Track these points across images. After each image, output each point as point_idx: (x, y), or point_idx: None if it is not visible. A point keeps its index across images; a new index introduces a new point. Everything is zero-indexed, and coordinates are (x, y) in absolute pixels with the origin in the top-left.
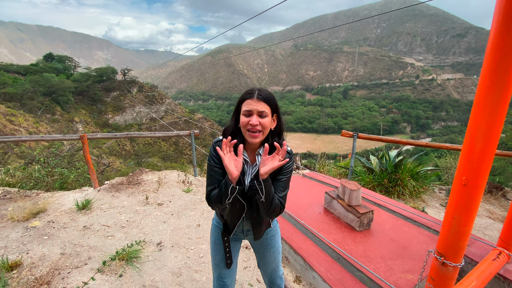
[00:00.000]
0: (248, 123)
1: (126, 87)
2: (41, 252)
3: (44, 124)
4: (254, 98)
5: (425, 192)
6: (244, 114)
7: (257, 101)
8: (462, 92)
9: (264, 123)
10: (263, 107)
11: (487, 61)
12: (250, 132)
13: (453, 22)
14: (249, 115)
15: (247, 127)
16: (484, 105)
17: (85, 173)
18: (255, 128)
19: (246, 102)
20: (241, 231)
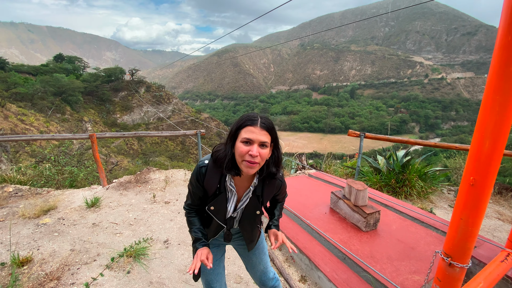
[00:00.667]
0: (247, 153)
1: (134, 87)
2: (51, 248)
3: (55, 123)
4: (257, 126)
5: (433, 193)
6: (243, 141)
7: (260, 130)
8: (472, 91)
9: (263, 155)
10: (265, 137)
11: (495, 59)
12: (248, 162)
13: (463, 20)
14: (249, 144)
15: (245, 157)
16: (493, 104)
17: (94, 172)
18: (254, 160)
19: (248, 129)
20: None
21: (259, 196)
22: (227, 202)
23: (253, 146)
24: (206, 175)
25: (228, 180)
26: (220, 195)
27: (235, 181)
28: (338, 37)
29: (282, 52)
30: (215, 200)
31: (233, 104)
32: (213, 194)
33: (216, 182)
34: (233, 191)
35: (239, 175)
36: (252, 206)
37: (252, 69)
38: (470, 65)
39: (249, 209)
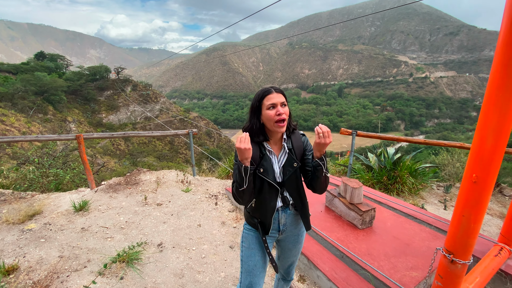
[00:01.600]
0: (276, 114)
1: (120, 86)
2: (38, 255)
3: (36, 124)
4: (273, 92)
5: (424, 189)
6: (268, 108)
7: (277, 94)
8: (454, 89)
9: (286, 112)
10: (283, 98)
11: (498, 57)
12: (278, 123)
13: (446, 20)
14: (274, 108)
15: (275, 119)
16: (496, 102)
17: (81, 174)
18: (282, 117)
19: (268, 97)
20: (276, 228)
21: (291, 150)
22: (272, 163)
23: (277, 107)
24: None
25: (265, 144)
26: (264, 157)
27: (271, 146)
28: (326, 37)
29: (271, 51)
30: (261, 163)
31: (222, 103)
32: (258, 160)
33: (257, 149)
34: (271, 151)
35: (268, 139)
36: (289, 160)
37: (241, 68)
38: (452, 64)
39: (288, 165)
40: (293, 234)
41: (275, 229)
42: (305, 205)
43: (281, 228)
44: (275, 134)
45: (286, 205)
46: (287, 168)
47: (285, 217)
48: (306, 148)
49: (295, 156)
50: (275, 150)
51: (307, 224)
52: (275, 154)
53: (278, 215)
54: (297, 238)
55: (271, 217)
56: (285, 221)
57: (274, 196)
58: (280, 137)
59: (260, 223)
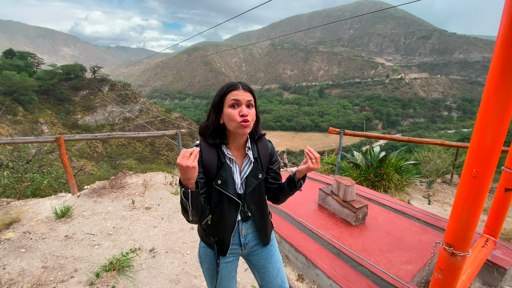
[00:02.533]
0: (240, 114)
1: (97, 86)
2: (19, 266)
3: (5, 126)
4: (240, 89)
5: (409, 185)
6: (230, 106)
7: (244, 92)
8: (427, 90)
9: (252, 114)
10: (250, 97)
11: (496, 57)
12: (242, 123)
13: (419, 24)
14: (237, 106)
15: (237, 119)
16: (494, 100)
17: (59, 178)
18: (246, 119)
19: (232, 93)
20: (237, 242)
21: (257, 159)
22: (232, 172)
23: (241, 107)
24: (202, 153)
25: (225, 151)
26: (223, 166)
27: (231, 152)
28: (306, 38)
29: (254, 52)
30: (220, 173)
31: (205, 103)
32: (216, 169)
33: (214, 156)
34: (232, 159)
35: (225, 143)
36: (253, 170)
37: (223, 68)
38: (425, 66)
39: (251, 176)
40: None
41: (236, 244)
42: (265, 219)
43: (242, 241)
44: (238, 138)
45: (246, 219)
46: (251, 179)
47: (246, 228)
48: (272, 158)
49: (261, 166)
50: (237, 158)
51: (265, 239)
52: (236, 163)
53: (238, 226)
54: (268, 250)
55: (231, 234)
56: (246, 232)
57: (234, 211)
58: (243, 143)
59: (217, 242)
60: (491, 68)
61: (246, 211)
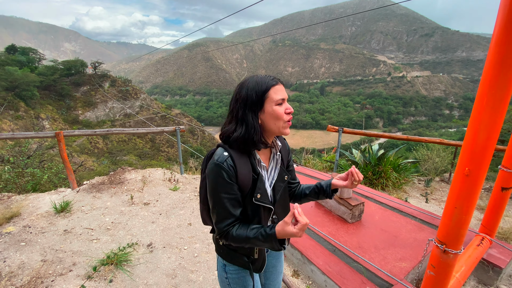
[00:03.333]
0: (286, 112)
1: (97, 81)
2: (19, 259)
3: (7, 121)
4: (280, 84)
5: (406, 183)
6: (278, 103)
7: (283, 86)
8: (429, 88)
9: None
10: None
11: (491, 56)
12: (289, 122)
13: (422, 22)
14: (281, 104)
15: (285, 118)
16: (488, 99)
17: (59, 173)
18: (291, 116)
19: (275, 89)
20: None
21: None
22: (265, 182)
23: (285, 103)
24: (237, 166)
25: (259, 158)
26: (259, 177)
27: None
28: (308, 35)
29: (255, 48)
30: (258, 185)
31: (205, 100)
32: (252, 183)
33: (249, 168)
34: (264, 166)
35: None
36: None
37: (224, 64)
38: (427, 64)
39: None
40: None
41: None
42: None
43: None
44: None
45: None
46: (278, 183)
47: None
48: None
49: (284, 165)
50: (264, 161)
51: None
52: (265, 168)
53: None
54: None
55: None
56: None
57: (268, 220)
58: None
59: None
60: (486, 66)
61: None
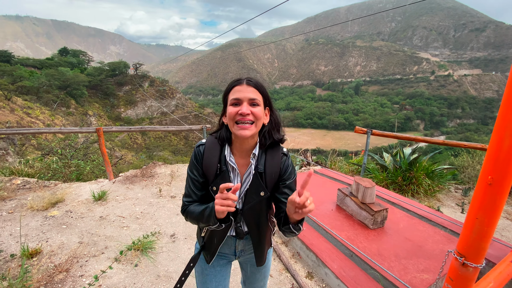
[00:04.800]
0: (237, 113)
1: (138, 82)
2: (60, 240)
3: (60, 117)
4: (243, 84)
5: (441, 191)
6: (232, 104)
7: (247, 87)
8: (479, 88)
9: (256, 113)
10: (254, 94)
11: None
12: (240, 124)
13: (472, 15)
14: (238, 104)
15: (236, 118)
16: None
17: (100, 165)
18: (245, 118)
19: (234, 89)
20: (233, 252)
21: (262, 173)
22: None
23: (242, 105)
24: (204, 154)
25: (228, 155)
26: (221, 174)
27: (235, 159)
28: (343, 32)
29: (287, 47)
30: (216, 181)
31: None
32: (214, 175)
33: (216, 160)
34: (235, 168)
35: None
36: (255, 185)
37: (256, 64)
38: (477, 62)
39: (253, 191)
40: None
41: (231, 253)
42: (262, 240)
43: (237, 253)
44: (241, 142)
45: (241, 236)
46: (251, 195)
47: (243, 244)
48: (284, 174)
49: (265, 181)
50: (241, 167)
51: (259, 260)
52: (238, 173)
53: (234, 242)
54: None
55: (218, 246)
56: (242, 248)
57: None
58: (249, 149)
59: (203, 247)
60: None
61: (241, 227)
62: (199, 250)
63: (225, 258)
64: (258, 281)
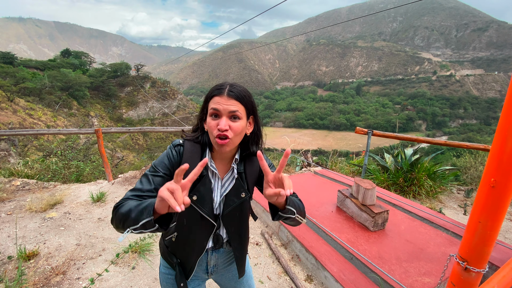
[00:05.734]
0: (216, 127)
1: (140, 83)
2: (57, 242)
3: (62, 118)
4: (223, 95)
5: (443, 192)
6: (211, 115)
7: (228, 99)
8: (482, 88)
9: (236, 128)
10: (234, 107)
11: None
12: (218, 139)
13: (474, 15)
14: (217, 116)
15: (214, 133)
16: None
17: (100, 166)
18: (224, 134)
19: (214, 100)
20: (204, 270)
21: (241, 174)
22: (211, 189)
23: (221, 119)
24: (183, 155)
25: (209, 160)
26: (202, 179)
27: (216, 164)
28: (344, 33)
29: (288, 48)
30: (197, 187)
31: None
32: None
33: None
34: (215, 173)
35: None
36: (235, 187)
37: (257, 65)
38: (480, 62)
39: (233, 194)
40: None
41: (202, 271)
42: (243, 247)
43: (209, 270)
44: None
45: (219, 245)
46: (231, 198)
47: (216, 257)
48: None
49: (246, 182)
50: (221, 172)
51: (241, 271)
52: (219, 178)
53: (206, 256)
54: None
55: (197, 259)
56: (215, 262)
57: (206, 234)
58: (230, 156)
59: (180, 264)
60: None
61: (220, 234)
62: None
63: (197, 278)
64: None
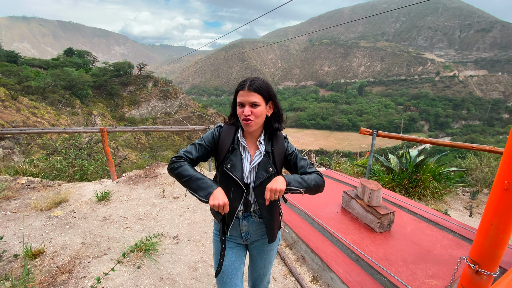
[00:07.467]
0: (242, 114)
1: (142, 82)
2: (63, 241)
3: (65, 116)
4: (245, 89)
5: (448, 194)
6: (238, 105)
7: (248, 92)
8: (485, 89)
9: (256, 113)
10: (254, 98)
11: None
12: (244, 121)
13: (478, 16)
14: (243, 106)
15: (241, 117)
16: None
17: (104, 165)
18: (247, 117)
19: (239, 94)
20: (238, 234)
21: (269, 153)
22: (242, 159)
23: (245, 107)
24: (221, 133)
25: (240, 137)
26: (234, 151)
27: (246, 141)
28: (347, 33)
29: (290, 48)
30: (230, 157)
31: None
32: (227, 151)
33: (230, 140)
34: (245, 147)
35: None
36: (264, 163)
37: (259, 65)
38: (483, 62)
39: (262, 168)
40: (260, 243)
41: (238, 236)
42: (273, 215)
43: (243, 236)
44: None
45: (247, 210)
46: (261, 171)
47: (247, 225)
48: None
49: (273, 160)
50: (250, 148)
51: (271, 237)
52: (249, 152)
53: (239, 222)
54: (263, 248)
55: (232, 218)
56: (247, 229)
57: (238, 198)
58: (256, 136)
59: (223, 220)
60: None
61: (249, 200)
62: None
63: (234, 240)
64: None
